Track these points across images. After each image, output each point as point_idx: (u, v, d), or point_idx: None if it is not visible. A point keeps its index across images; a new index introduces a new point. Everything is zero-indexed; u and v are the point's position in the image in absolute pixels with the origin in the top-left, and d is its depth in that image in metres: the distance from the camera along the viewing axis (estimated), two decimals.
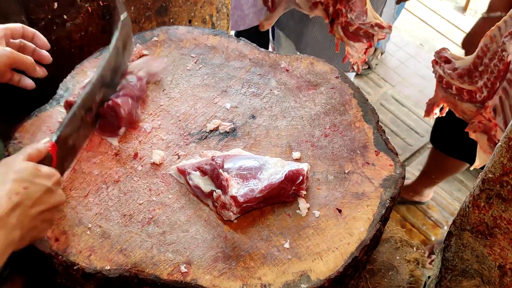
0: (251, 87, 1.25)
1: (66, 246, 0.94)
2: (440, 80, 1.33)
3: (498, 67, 1.17)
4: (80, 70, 1.23)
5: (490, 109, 1.21)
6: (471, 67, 1.26)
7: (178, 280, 0.91)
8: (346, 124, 1.17)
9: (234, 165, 1.03)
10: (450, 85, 1.30)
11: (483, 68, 1.22)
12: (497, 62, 1.17)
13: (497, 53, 1.17)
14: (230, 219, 0.99)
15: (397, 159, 1.11)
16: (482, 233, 0.86)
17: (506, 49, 1.13)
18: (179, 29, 1.36)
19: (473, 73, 1.26)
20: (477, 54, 1.24)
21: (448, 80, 1.30)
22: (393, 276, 1.27)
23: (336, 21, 1.56)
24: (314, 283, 0.92)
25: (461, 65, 1.29)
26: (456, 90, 1.29)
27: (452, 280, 0.95)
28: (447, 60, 1.33)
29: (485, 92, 1.22)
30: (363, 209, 1.02)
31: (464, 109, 1.32)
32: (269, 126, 1.17)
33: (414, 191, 2.72)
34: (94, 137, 1.11)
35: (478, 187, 0.82)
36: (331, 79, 1.27)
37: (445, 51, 1.35)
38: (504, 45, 1.14)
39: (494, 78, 1.19)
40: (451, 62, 1.32)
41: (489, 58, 1.20)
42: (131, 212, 1.00)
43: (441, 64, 1.33)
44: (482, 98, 1.23)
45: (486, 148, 1.29)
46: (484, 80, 1.22)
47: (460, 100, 1.29)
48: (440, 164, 2.47)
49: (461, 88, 1.28)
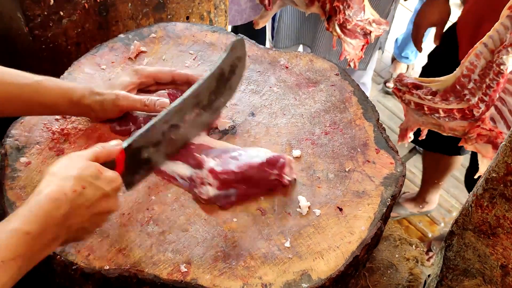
0: (250, 84, 1.24)
1: (65, 246, 0.93)
2: (419, 108, 1.30)
3: (496, 81, 1.17)
4: (77, 67, 1.22)
5: (488, 120, 1.21)
6: (457, 87, 1.25)
7: (178, 279, 0.90)
8: (346, 122, 1.17)
9: (213, 151, 1.04)
10: (435, 109, 1.28)
11: (474, 85, 1.22)
12: (494, 76, 1.17)
13: (490, 68, 1.17)
14: (209, 196, 0.98)
15: (398, 157, 1.10)
16: (484, 233, 0.85)
17: (504, 62, 1.14)
18: (177, 26, 1.35)
19: (460, 92, 1.24)
20: (461, 73, 1.23)
21: (430, 105, 1.28)
22: (392, 274, 1.27)
23: (333, 18, 1.55)
24: (315, 282, 0.91)
25: (440, 87, 1.28)
26: (445, 112, 1.27)
27: (453, 280, 0.95)
28: (416, 86, 1.30)
29: (483, 106, 1.22)
30: (364, 208, 1.02)
31: (453, 127, 1.30)
32: (268, 124, 1.16)
33: (423, 200, 2.70)
34: (91, 133, 1.10)
35: (482, 187, 0.82)
36: (331, 76, 1.26)
37: (406, 78, 1.32)
38: (501, 59, 1.14)
39: (493, 91, 1.19)
40: (423, 87, 1.30)
41: (479, 74, 1.20)
42: (130, 211, 0.99)
43: (412, 92, 1.30)
44: (480, 113, 1.23)
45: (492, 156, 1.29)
46: (479, 96, 1.22)
47: (451, 120, 1.28)
48: (436, 166, 2.47)
49: (450, 109, 1.27)
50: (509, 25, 1.11)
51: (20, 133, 1.07)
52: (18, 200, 0.98)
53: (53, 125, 1.10)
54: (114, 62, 1.25)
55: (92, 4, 1.35)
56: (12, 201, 0.97)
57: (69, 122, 1.11)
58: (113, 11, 1.41)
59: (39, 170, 1.03)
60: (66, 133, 1.09)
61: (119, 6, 1.41)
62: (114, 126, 1.10)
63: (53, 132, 1.09)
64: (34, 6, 1.24)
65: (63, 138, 1.08)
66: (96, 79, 1.20)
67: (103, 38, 1.39)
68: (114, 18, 1.42)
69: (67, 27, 1.33)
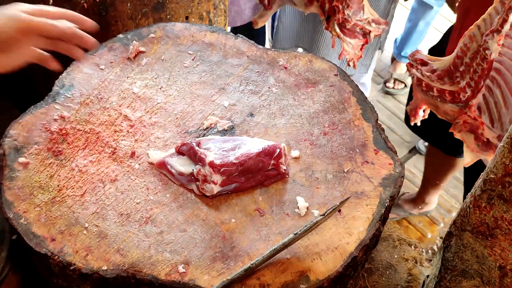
0: (249, 85, 1.23)
1: (63, 246, 0.93)
2: (419, 83, 1.32)
3: (481, 66, 1.16)
4: (75, 66, 1.22)
5: (475, 108, 1.21)
6: (451, 67, 1.25)
7: (176, 280, 0.90)
8: (345, 123, 1.16)
9: (211, 144, 1.06)
10: (430, 87, 1.29)
11: (464, 68, 1.21)
12: (480, 61, 1.16)
13: (478, 52, 1.16)
14: (213, 193, 1.00)
15: (397, 157, 1.10)
16: (482, 234, 0.85)
17: (489, 47, 1.13)
18: (176, 26, 1.35)
19: (453, 74, 1.25)
20: (456, 54, 1.23)
21: (427, 82, 1.29)
22: (391, 274, 1.27)
23: (332, 18, 1.54)
24: (313, 283, 0.91)
25: (439, 66, 1.28)
26: (438, 92, 1.28)
27: (451, 280, 0.95)
28: (423, 63, 1.32)
29: (469, 91, 1.21)
30: (362, 209, 1.01)
31: (447, 110, 1.31)
32: (267, 124, 1.16)
33: (422, 201, 2.70)
34: (91, 135, 1.10)
35: (480, 188, 0.82)
36: (329, 76, 1.26)
37: (419, 53, 1.34)
38: (486, 44, 1.13)
39: (478, 77, 1.18)
40: (428, 64, 1.31)
41: (470, 57, 1.20)
42: (128, 212, 0.99)
43: (418, 67, 1.32)
44: (466, 98, 1.22)
45: (473, 147, 1.29)
46: (466, 80, 1.21)
47: (442, 102, 1.29)
48: (438, 166, 2.46)
49: (442, 90, 1.27)
50: (500, 9, 1.11)
51: (19, 133, 1.07)
52: (16, 200, 0.98)
53: (51, 125, 1.10)
54: (113, 62, 1.25)
55: (91, 4, 1.35)
56: (10, 201, 0.97)
57: (67, 123, 1.11)
58: (112, 11, 1.41)
59: (38, 170, 1.03)
60: (64, 133, 1.09)
61: (118, 6, 1.41)
62: None
63: (52, 132, 1.09)
64: None
65: (61, 138, 1.08)
66: (94, 79, 1.20)
67: (102, 38, 1.39)
68: (113, 18, 1.42)
69: None
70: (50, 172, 1.03)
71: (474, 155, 1.33)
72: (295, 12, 2.32)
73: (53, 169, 1.03)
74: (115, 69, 1.23)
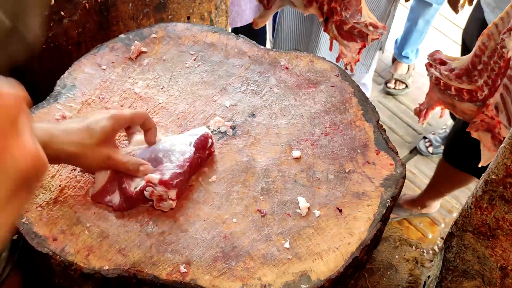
0: (251, 85, 1.24)
1: (64, 246, 0.93)
2: (437, 82, 1.32)
3: (498, 64, 1.16)
4: (77, 67, 1.22)
5: (492, 107, 1.20)
6: (469, 66, 1.25)
7: (177, 280, 0.90)
8: (346, 123, 1.17)
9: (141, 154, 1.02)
10: (448, 86, 1.30)
11: (482, 67, 1.21)
12: (497, 59, 1.16)
13: (496, 50, 1.17)
14: (172, 207, 0.98)
15: (398, 158, 1.10)
16: (484, 235, 0.85)
17: (506, 45, 1.13)
18: (177, 26, 1.35)
19: (471, 73, 1.25)
20: (474, 53, 1.23)
21: (446, 81, 1.30)
22: (392, 275, 1.27)
23: (330, 20, 1.54)
24: (314, 283, 0.91)
25: (458, 65, 1.29)
26: (455, 91, 1.28)
27: (452, 281, 0.95)
28: (442, 62, 1.33)
29: (486, 90, 1.21)
30: (363, 209, 1.02)
31: (464, 109, 1.31)
32: (269, 125, 1.16)
33: (422, 204, 2.68)
34: None
35: (481, 188, 0.82)
36: (331, 77, 1.26)
37: (439, 53, 1.35)
38: (503, 42, 1.13)
39: (495, 75, 1.18)
40: (447, 64, 1.32)
41: (487, 56, 1.20)
42: (129, 212, 0.99)
43: (437, 66, 1.32)
44: (483, 97, 1.22)
45: (490, 146, 1.29)
46: (484, 78, 1.22)
47: (460, 101, 1.29)
48: (450, 178, 2.41)
49: (460, 88, 1.28)
50: None
51: None
52: None
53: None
54: (115, 62, 1.25)
55: (93, 4, 1.35)
56: None
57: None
58: (114, 11, 1.41)
59: None
60: None
61: (120, 6, 1.41)
62: None
63: None
64: None
65: None
66: (96, 79, 1.20)
67: (103, 38, 1.39)
68: (115, 18, 1.42)
69: (68, 27, 1.34)
70: (52, 172, 1.03)
71: (490, 155, 1.33)
72: (295, 13, 2.32)
73: (55, 168, 1.04)
74: (117, 69, 1.24)
